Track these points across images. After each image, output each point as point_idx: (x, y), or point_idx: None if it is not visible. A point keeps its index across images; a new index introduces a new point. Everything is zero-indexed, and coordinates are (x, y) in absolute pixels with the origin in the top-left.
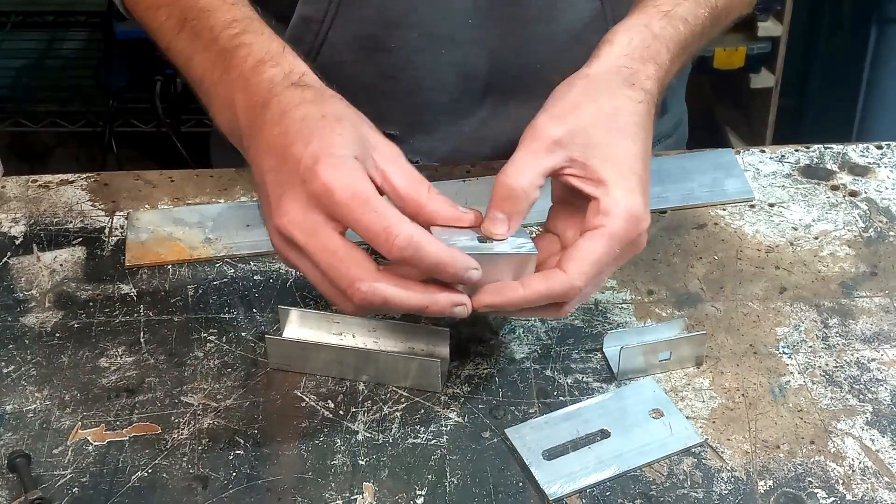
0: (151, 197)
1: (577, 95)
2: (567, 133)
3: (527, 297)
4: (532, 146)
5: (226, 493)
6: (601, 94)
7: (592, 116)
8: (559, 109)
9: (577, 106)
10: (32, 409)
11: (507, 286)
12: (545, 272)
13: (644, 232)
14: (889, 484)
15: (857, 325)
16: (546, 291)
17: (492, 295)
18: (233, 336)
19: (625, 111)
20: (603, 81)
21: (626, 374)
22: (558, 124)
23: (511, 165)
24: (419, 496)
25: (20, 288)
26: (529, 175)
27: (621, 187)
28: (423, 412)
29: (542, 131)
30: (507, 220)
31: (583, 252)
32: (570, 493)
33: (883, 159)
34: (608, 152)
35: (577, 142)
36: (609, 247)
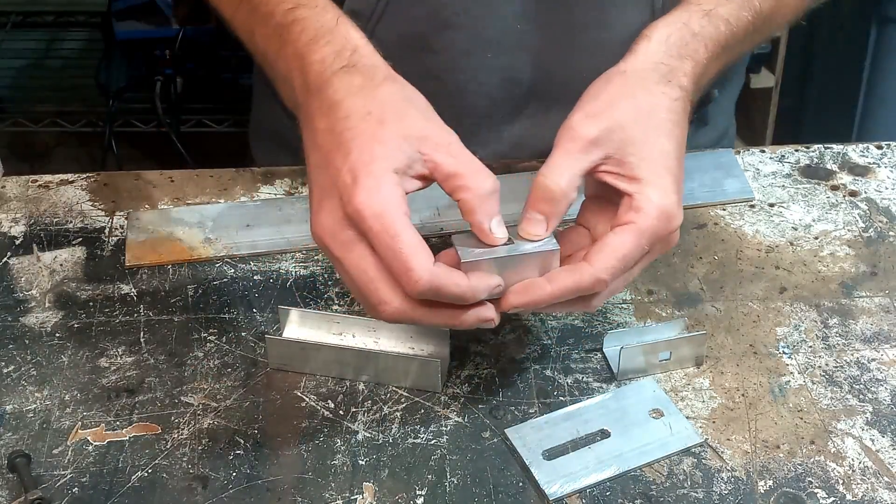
0: (151, 197)
1: (614, 92)
2: (604, 131)
3: (554, 294)
4: (569, 146)
5: (226, 493)
6: (637, 90)
7: (629, 113)
8: (595, 107)
9: (614, 103)
10: (32, 409)
11: (534, 284)
12: (572, 266)
13: (676, 230)
14: (889, 484)
15: (857, 325)
16: (573, 286)
17: (519, 295)
18: (233, 336)
19: (661, 108)
20: (639, 77)
21: (626, 374)
22: (594, 123)
23: (548, 166)
24: (419, 496)
25: (20, 288)
26: (567, 176)
27: (656, 185)
28: (423, 412)
29: (579, 130)
30: (545, 221)
31: (610, 246)
32: (570, 493)
33: (883, 159)
34: (644, 150)
35: (614, 139)
36: (637, 242)
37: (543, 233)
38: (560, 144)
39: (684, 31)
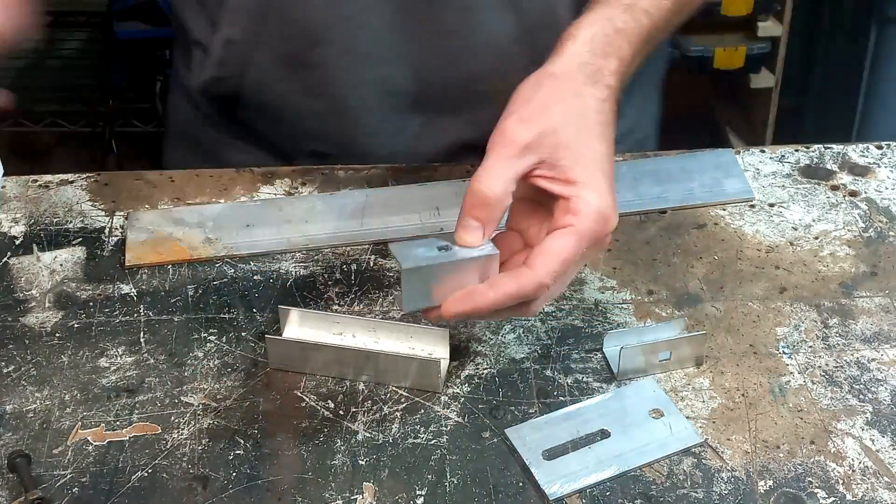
0: (151, 197)
1: (545, 95)
2: (537, 136)
3: (496, 300)
4: (502, 151)
5: (226, 493)
6: (568, 93)
7: (560, 117)
8: (527, 112)
9: (545, 106)
10: (32, 409)
11: (476, 291)
12: (513, 272)
13: (610, 233)
14: (889, 484)
15: (857, 325)
16: (515, 291)
17: (462, 303)
18: (233, 336)
19: (591, 110)
20: (568, 79)
21: (626, 374)
22: (527, 127)
23: (483, 172)
24: (419, 496)
25: (20, 288)
26: (502, 181)
27: (591, 188)
28: (423, 412)
29: (512, 136)
30: (481, 228)
31: (551, 250)
32: (570, 493)
33: (883, 159)
34: (577, 153)
35: (547, 143)
36: (577, 245)
37: (480, 240)
38: (494, 149)
39: (608, 28)
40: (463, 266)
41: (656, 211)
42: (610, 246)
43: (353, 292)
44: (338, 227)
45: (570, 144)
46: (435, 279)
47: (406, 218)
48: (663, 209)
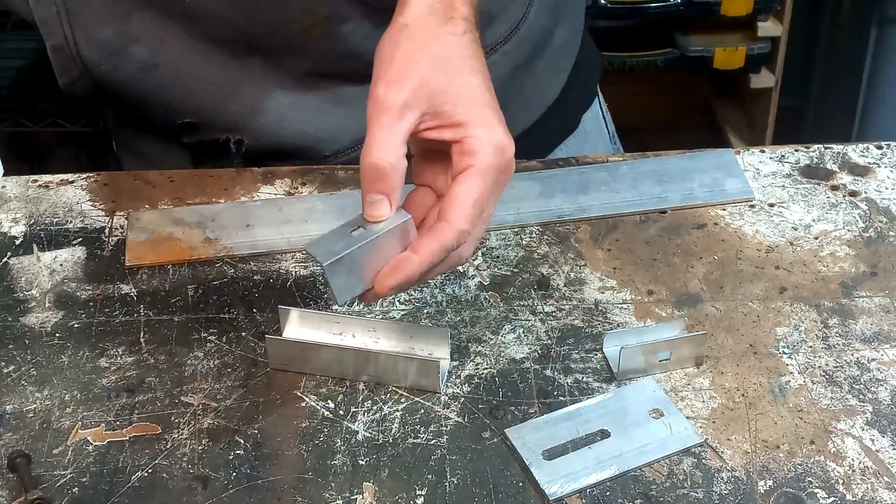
0: (151, 197)
1: (405, 50)
2: (411, 93)
3: (424, 262)
4: (382, 119)
5: (226, 493)
6: (426, 39)
7: (427, 66)
8: (393, 73)
9: (409, 61)
10: (32, 409)
11: (401, 260)
12: (431, 230)
13: (511, 159)
14: (889, 484)
15: (857, 325)
16: (439, 247)
17: (392, 276)
18: (233, 336)
19: (454, 48)
20: (422, 26)
21: (626, 374)
22: (399, 88)
23: (369, 146)
24: (419, 496)
25: (20, 288)
26: (392, 149)
27: (479, 124)
28: (423, 412)
29: (386, 101)
30: (386, 200)
31: (460, 196)
32: (570, 493)
33: (883, 159)
34: (455, 94)
35: (422, 96)
36: (483, 183)
37: (388, 211)
38: (373, 119)
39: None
40: (381, 242)
41: (656, 211)
42: (610, 246)
43: None
44: None
45: (445, 89)
46: (358, 263)
47: None
48: (663, 209)
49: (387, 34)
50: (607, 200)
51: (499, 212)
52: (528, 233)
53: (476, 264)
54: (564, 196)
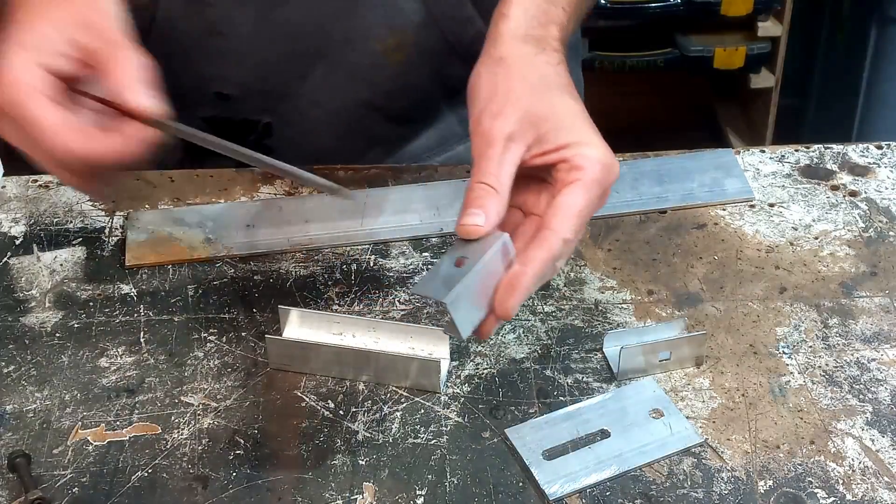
0: (151, 197)
1: (504, 82)
2: (516, 124)
3: (536, 273)
4: (489, 152)
5: (226, 493)
6: (524, 69)
7: (528, 96)
8: (496, 105)
9: (511, 92)
10: (32, 409)
11: (516, 276)
12: (536, 239)
13: (615, 180)
14: (889, 484)
15: (857, 325)
16: (548, 256)
17: (511, 296)
18: (233, 336)
19: (551, 77)
20: (518, 57)
21: (626, 374)
22: (504, 120)
23: (477, 173)
24: (419, 496)
25: (20, 288)
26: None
27: (585, 143)
28: (423, 412)
29: (492, 133)
30: (482, 214)
31: (566, 205)
32: (570, 493)
33: (883, 159)
34: (557, 120)
35: (527, 126)
36: (588, 197)
37: (482, 222)
38: (481, 152)
39: (539, 0)
40: (489, 266)
41: (656, 211)
42: (610, 246)
43: (353, 292)
44: (338, 227)
45: (547, 115)
46: (472, 291)
47: (406, 218)
48: (663, 209)
49: (481, 67)
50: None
51: None
52: None
53: None
54: None
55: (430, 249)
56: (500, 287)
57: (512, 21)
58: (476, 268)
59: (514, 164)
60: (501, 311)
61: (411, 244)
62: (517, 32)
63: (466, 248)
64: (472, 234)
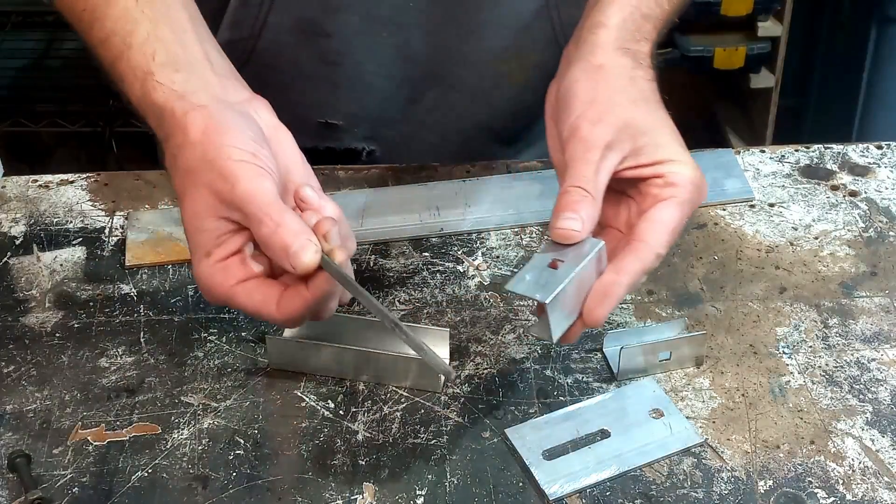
0: (151, 197)
1: (605, 91)
2: (615, 133)
3: (629, 284)
4: (587, 156)
5: (226, 493)
6: (624, 81)
7: (628, 107)
8: (596, 112)
9: (612, 102)
10: (32, 409)
11: (610, 284)
12: (630, 250)
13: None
14: (889, 484)
15: (857, 325)
16: (641, 267)
17: (603, 304)
18: (233, 336)
19: (647, 91)
20: (617, 68)
21: (626, 374)
22: (603, 128)
23: (573, 176)
24: (419, 496)
25: (20, 288)
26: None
27: (680, 161)
28: (423, 412)
29: (592, 139)
30: (579, 219)
31: (661, 221)
32: (570, 493)
33: (883, 159)
34: (655, 135)
35: (626, 137)
36: (682, 214)
37: (579, 227)
38: (578, 156)
39: (636, 15)
40: (584, 273)
41: None
42: None
43: None
44: None
45: (645, 129)
46: (568, 297)
47: (406, 218)
48: None
49: (580, 73)
50: None
51: (499, 212)
52: (528, 233)
53: (476, 264)
54: None
55: (430, 249)
56: (591, 294)
57: (613, 32)
58: (574, 273)
59: (609, 173)
60: (591, 319)
61: (411, 244)
62: (616, 44)
63: (560, 251)
64: (568, 239)
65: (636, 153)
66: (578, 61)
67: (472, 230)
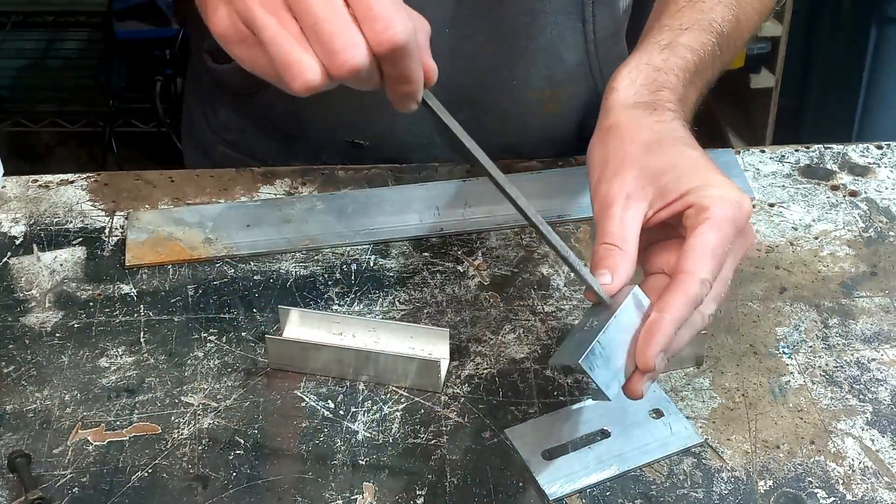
0: (151, 197)
1: (616, 147)
2: (633, 182)
3: (674, 317)
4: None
5: (226, 493)
6: (634, 131)
7: (641, 154)
8: (611, 170)
9: (624, 155)
10: (32, 409)
11: (652, 323)
12: (671, 284)
13: (749, 214)
14: (889, 484)
15: (857, 325)
16: (684, 298)
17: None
18: (233, 336)
19: (665, 132)
20: (628, 121)
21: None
22: (620, 182)
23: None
24: (419, 496)
25: (20, 288)
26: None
27: (708, 185)
28: (423, 412)
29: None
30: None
31: (696, 246)
32: (570, 493)
33: (883, 159)
34: (675, 170)
35: (645, 184)
36: (720, 235)
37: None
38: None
39: (648, 70)
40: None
41: None
42: None
43: (353, 292)
44: (338, 227)
45: (665, 168)
46: (610, 349)
47: (406, 218)
48: None
49: (594, 139)
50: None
51: (499, 212)
52: (528, 233)
53: (476, 264)
54: (564, 196)
55: (430, 249)
56: (639, 337)
57: (621, 92)
58: (608, 324)
59: (637, 222)
60: (642, 362)
61: (411, 244)
62: (626, 102)
63: (597, 312)
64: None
65: (661, 194)
66: (596, 129)
67: (472, 230)
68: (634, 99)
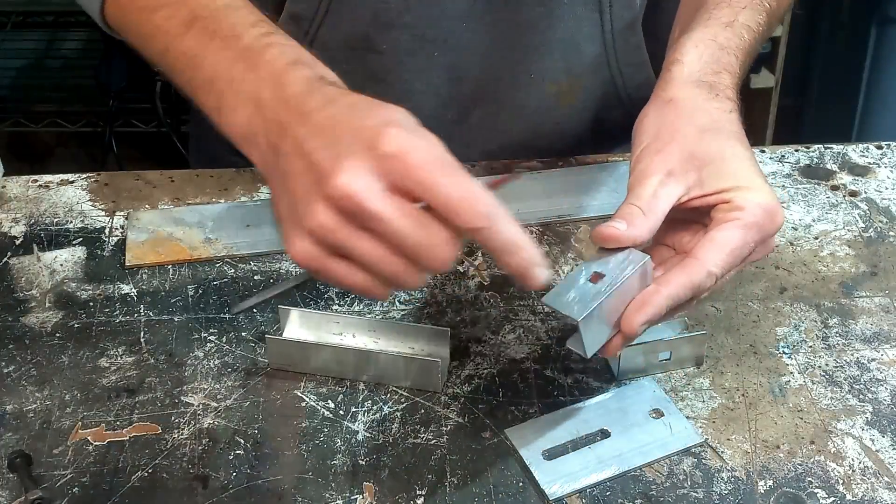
0: (151, 197)
1: (672, 123)
2: (678, 163)
3: (671, 295)
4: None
5: (226, 493)
6: (693, 113)
7: (694, 138)
8: (659, 143)
9: (676, 132)
10: (32, 409)
11: (649, 294)
12: (681, 265)
13: (779, 227)
14: (889, 484)
15: (857, 325)
16: (687, 282)
17: (640, 312)
18: (233, 336)
19: (722, 121)
20: (689, 100)
21: (626, 374)
22: (665, 158)
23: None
24: (419, 496)
25: (20, 288)
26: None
27: (749, 187)
28: (423, 412)
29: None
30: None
31: (718, 241)
32: (570, 493)
33: (883, 159)
34: (722, 164)
35: (689, 168)
36: (744, 237)
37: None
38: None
39: (713, 47)
40: (625, 287)
41: None
42: None
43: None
44: None
45: (713, 159)
46: (605, 311)
47: None
48: None
49: (650, 108)
50: (607, 200)
51: None
52: (528, 233)
53: (476, 264)
54: (564, 196)
55: None
56: (631, 304)
57: (686, 66)
58: (613, 288)
59: (669, 199)
60: (627, 327)
61: None
62: (690, 77)
63: (603, 264)
64: (607, 239)
65: (701, 183)
66: (653, 99)
67: None
68: (698, 76)
